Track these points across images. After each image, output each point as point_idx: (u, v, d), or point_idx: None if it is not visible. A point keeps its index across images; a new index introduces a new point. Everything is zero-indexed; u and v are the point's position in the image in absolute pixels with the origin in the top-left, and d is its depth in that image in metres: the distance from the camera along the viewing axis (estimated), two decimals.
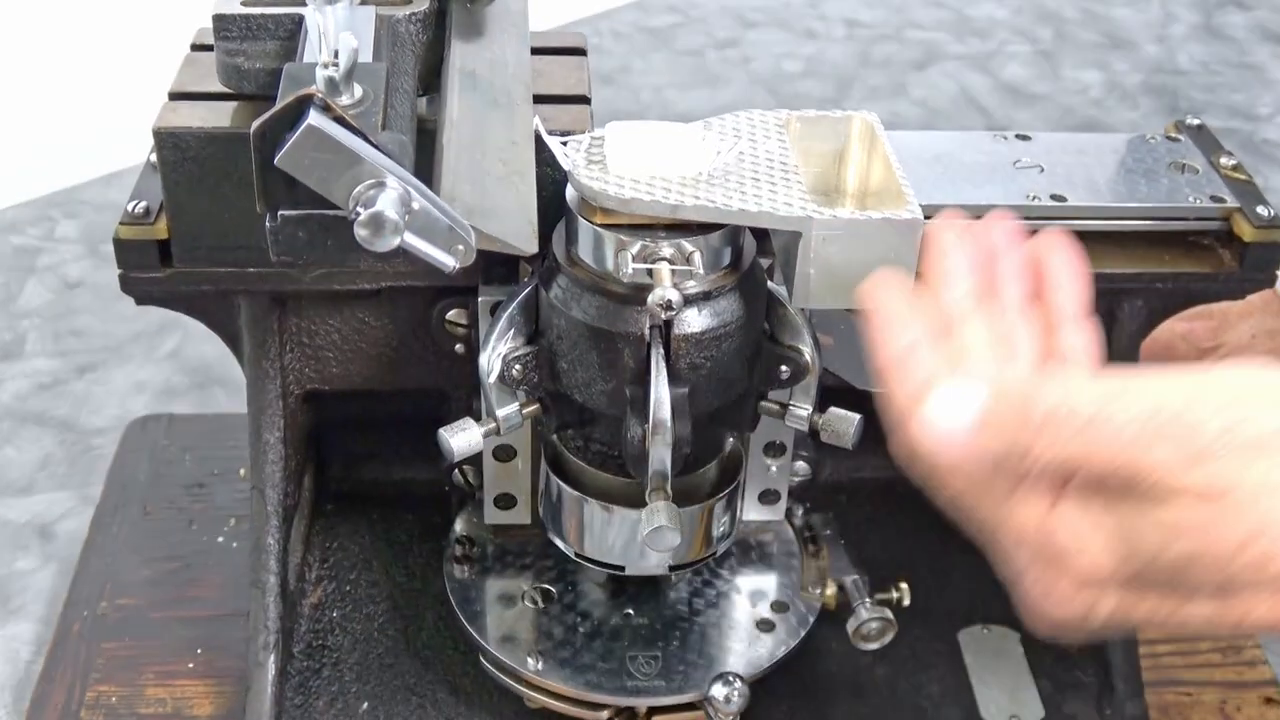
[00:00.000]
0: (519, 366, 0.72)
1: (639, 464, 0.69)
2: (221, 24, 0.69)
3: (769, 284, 0.73)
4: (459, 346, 0.80)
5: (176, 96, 0.73)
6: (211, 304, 0.79)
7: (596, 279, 0.68)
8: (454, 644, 0.85)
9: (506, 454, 0.82)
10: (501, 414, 0.72)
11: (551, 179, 0.71)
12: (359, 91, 0.60)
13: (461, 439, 0.71)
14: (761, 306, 0.71)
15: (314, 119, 0.54)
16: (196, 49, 0.77)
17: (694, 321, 0.68)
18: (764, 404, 0.75)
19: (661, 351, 0.67)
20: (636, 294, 0.67)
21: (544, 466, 0.78)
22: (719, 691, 0.76)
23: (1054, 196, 0.76)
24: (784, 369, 0.73)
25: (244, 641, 0.82)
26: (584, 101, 0.77)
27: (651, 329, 0.68)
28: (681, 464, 0.69)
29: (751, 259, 0.71)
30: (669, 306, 0.64)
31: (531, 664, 0.79)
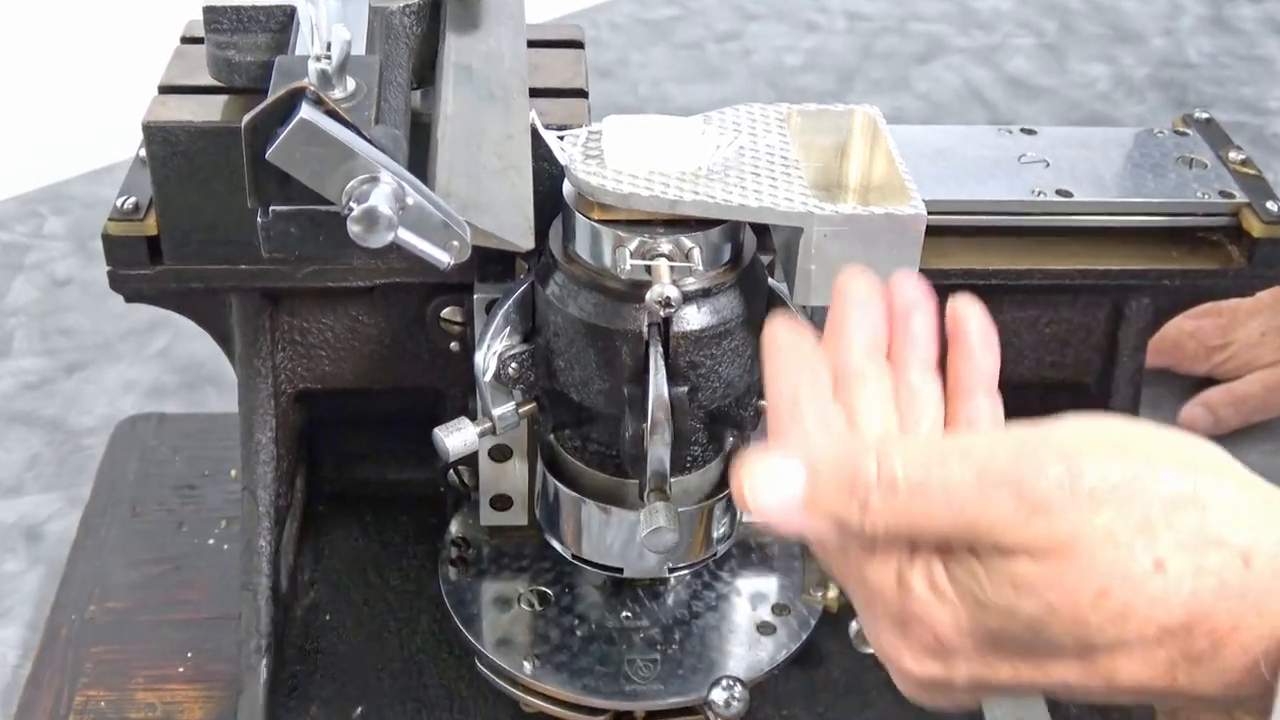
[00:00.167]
0: (515, 365, 0.72)
1: (637, 464, 0.69)
2: (212, 16, 0.69)
3: (769, 281, 0.72)
4: (454, 344, 0.80)
5: (166, 90, 0.74)
6: (202, 301, 0.79)
7: (594, 276, 0.68)
8: (449, 648, 0.85)
9: (502, 454, 0.81)
10: (497, 413, 0.72)
11: (548, 174, 0.70)
12: (352, 85, 0.60)
13: (457, 439, 0.71)
14: (762, 304, 0.71)
15: (306, 113, 0.54)
16: (186, 42, 0.78)
17: (693, 319, 0.68)
18: (765, 403, 0.73)
19: (660, 349, 0.67)
20: (635, 291, 0.66)
21: (541, 467, 0.77)
22: (719, 696, 0.76)
23: (1059, 192, 0.76)
24: None
25: (235, 645, 0.81)
26: (581, 95, 0.77)
27: (650, 326, 0.67)
28: (681, 464, 0.69)
29: (752, 255, 0.70)
30: (668, 304, 0.64)
31: (528, 668, 0.78)
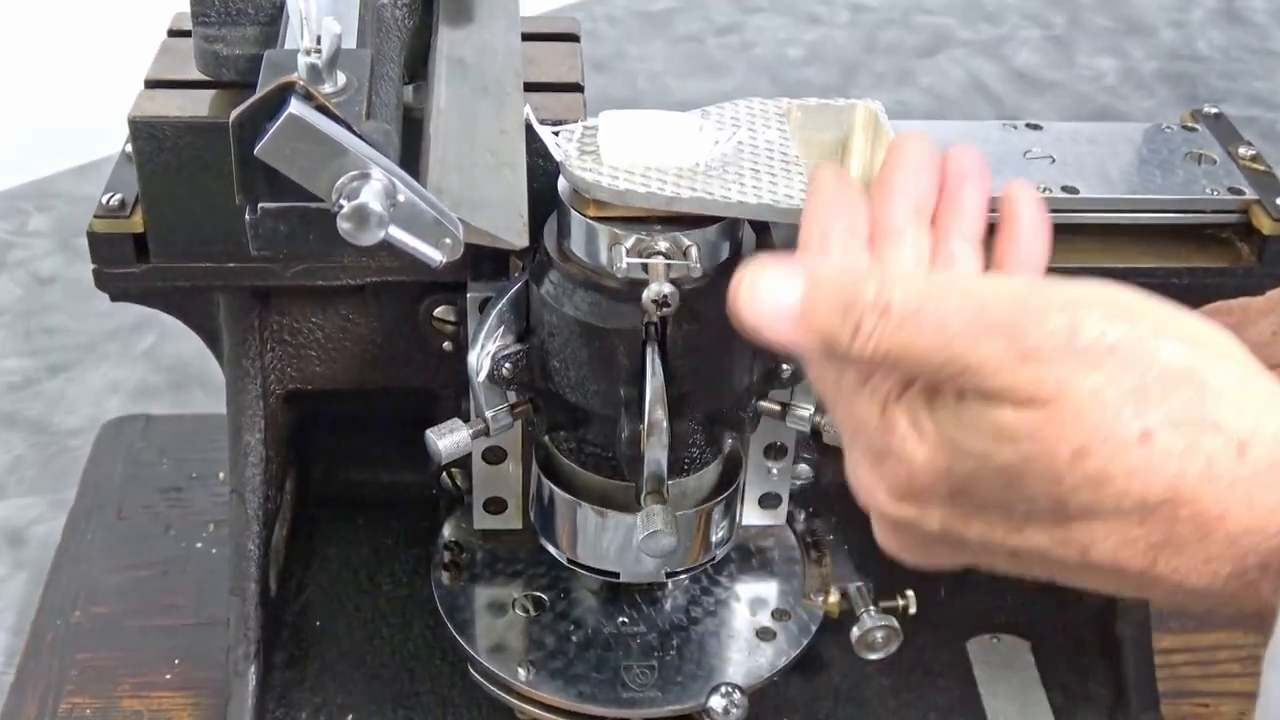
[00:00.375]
0: (509, 365, 0.72)
1: (634, 466, 0.69)
2: (200, 8, 0.69)
3: None
4: (447, 344, 0.79)
5: (153, 84, 0.73)
6: (189, 300, 0.79)
7: (589, 274, 0.68)
8: (442, 654, 0.85)
9: (496, 456, 0.81)
10: (491, 414, 0.72)
11: (543, 170, 0.70)
12: (342, 79, 0.59)
13: (449, 440, 0.71)
14: None
15: (295, 108, 0.53)
16: (174, 35, 0.77)
17: (691, 318, 0.67)
18: (764, 404, 0.75)
19: (657, 349, 0.67)
20: (631, 290, 0.66)
21: (535, 469, 0.77)
22: (717, 703, 0.76)
23: (1066, 188, 0.76)
24: (785, 368, 0.73)
25: (224, 651, 0.82)
26: (577, 89, 0.77)
27: (646, 326, 0.67)
28: (678, 466, 0.69)
29: (751, 253, 0.70)
30: (665, 303, 0.64)
31: (522, 674, 0.78)
